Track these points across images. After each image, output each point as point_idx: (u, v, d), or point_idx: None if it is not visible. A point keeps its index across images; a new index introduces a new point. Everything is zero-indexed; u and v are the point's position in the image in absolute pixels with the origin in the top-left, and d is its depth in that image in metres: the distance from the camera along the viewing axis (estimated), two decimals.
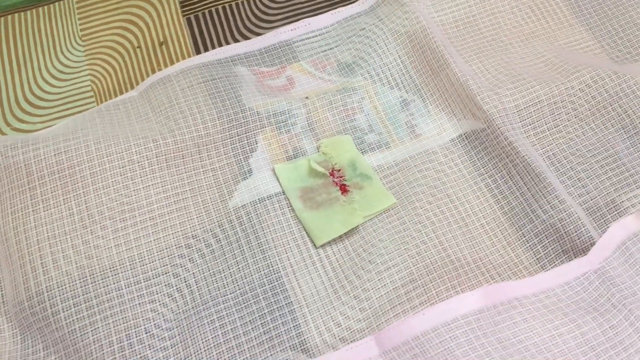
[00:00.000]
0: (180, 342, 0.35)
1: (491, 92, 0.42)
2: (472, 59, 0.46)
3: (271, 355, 0.36)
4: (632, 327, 0.34)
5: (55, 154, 0.39)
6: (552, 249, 0.38)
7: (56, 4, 0.51)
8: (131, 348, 0.34)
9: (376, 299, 0.37)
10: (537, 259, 0.38)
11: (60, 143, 0.39)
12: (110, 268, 0.37)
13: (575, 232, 0.38)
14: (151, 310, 0.36)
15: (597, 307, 0.35)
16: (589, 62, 0.44)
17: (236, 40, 0.49)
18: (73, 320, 0.35)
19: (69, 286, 0.36)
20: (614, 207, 0.39)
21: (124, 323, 0.35)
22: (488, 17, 0.49)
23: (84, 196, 0.39)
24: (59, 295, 0.36)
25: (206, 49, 0.49)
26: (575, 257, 0.37)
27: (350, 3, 0.50)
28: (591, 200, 0.40)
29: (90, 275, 0.37)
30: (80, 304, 0.36)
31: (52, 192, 0.38)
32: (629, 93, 0.42)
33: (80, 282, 0.37)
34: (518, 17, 0.48)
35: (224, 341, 0.36)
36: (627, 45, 0.47)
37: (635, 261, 0.36)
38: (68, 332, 0.35)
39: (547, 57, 0.46)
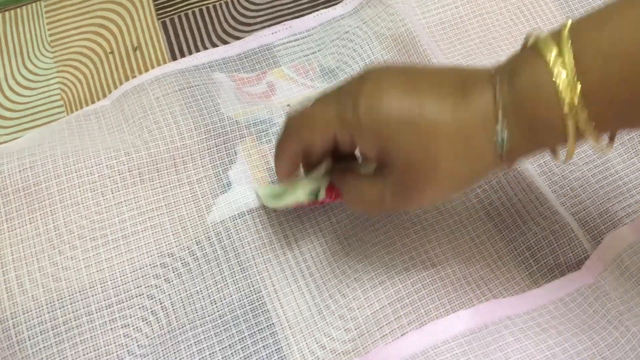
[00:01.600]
0: None
1: None
2: (460, 62, 0.45)
3: None
4: (629, 344, 0.32)
5: (20, 170, 0.37)
6: (544, 262, 0.36)
7: (23, 7, 0.49)
8: None
9: (362, 318, 0.35)
10: (529, 273, 0.36)
11: (25, 158, 0.37)
12: (79, 291, 0.35)
13: (569, 244, 0.37)
14: (124, 336, 0.34)
15: (592, 324, 0.33)
16: None
17: (214, 45, 0.47)
18: (40, 348, 0.33)
19: (36, 312, 0.34)
20: (607, 217, 0.38)
21: (94, 350, 0.33)
22: (476, 18, 0.47)
23: (52, 214, 0.37)
24: (25, 322, 0.34)
25: (182, 55, 0.47)
26: (568, 272, 0.36)
27: (333, 4, 0.48)
28: (584, 210, 0.38)
29: (58, 299, 0.35)
30: (48, 331, 0.34)
31: (17, 211, 0.36)
32: None
33: (47, 307, 0.35)
34: (507, 18, 0.47)
35: None
36: None
37: (631, 274, 0.35)
38: None
39: None
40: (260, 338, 0.35)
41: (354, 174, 0.33)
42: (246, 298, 0.36)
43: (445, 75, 0.29)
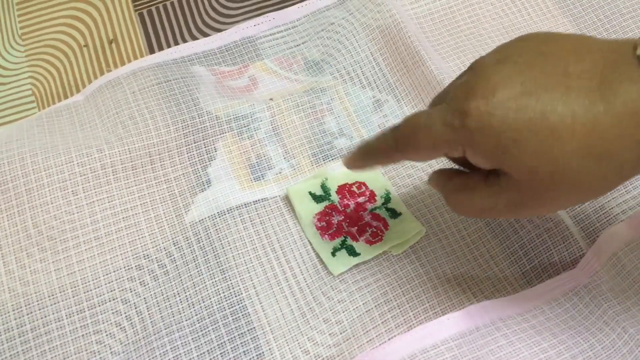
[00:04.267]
0: None
1: None
2: (449, 54, 0.43)
3: None
4: (626, 346, 0.31)
5: None
6: (538, 262, 0.35)
7: None
8: None
9: (348, 322, 0.33)
10: (522, 273, 0.35)
11: None
12: (49, 295, 0.33)
13: (563, 242, 0.35)
14: (96, 342, 0.32)
15: (588, 325, 0.32)
16: None
17: (194, 38, 0.45)
18: (5, 357, 0.32)
19: (2, 318, 0.33)
20: (603, 214, 0.37)
21: (65, 358, 0.32)
22: (466, 9, 0.45)
23: (20, 215, 0.35)
24: None
25: (161, 48, 0.45)
26: (563, 270, 0.35)
27: None
28: (579, 207, 0.37)
29: (26, 305, 0.33)
30: (14, 338, 0.32)
31: None
32: None
33: (14, 313, 0.33)
34: (497, 8, 0.45)
35: None
36: (612, 36, 0.44)
37: (627, 273, 0.33)
38: None
39: None
40: (241, 343, 0.33)
41: (463, 177, 0.29)
42: (226, 301, 0.34)
43: (577, 61, 0.25)
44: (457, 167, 0.31)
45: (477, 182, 0.28)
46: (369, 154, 0.31)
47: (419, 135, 0.28)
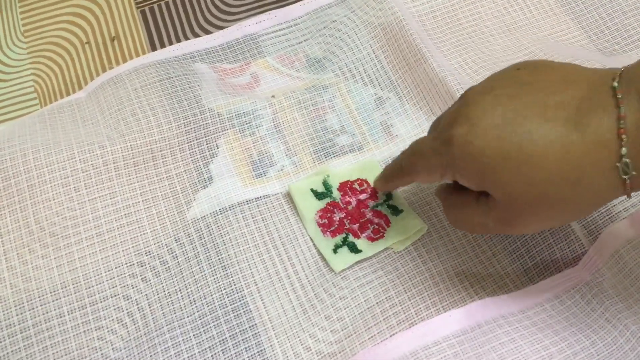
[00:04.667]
0: None
1: None
2: (451, 52, 0.43)
3: None
4: (628, 344, 0.31)
5: None
6: (540, 259, 0.35)
7: None
8: None
9: (349, 318, 0.33)
10: (524, 270, 0.35)
11: None
12: (51, 291, 0.33)
13: (565, 240, 0.35)
14: (98, 338, 0.32)
15: (590, 322, 0.32)
16: (574, 54, 0.42)
17: (196, 35, 0.45)
18: (7, 353, 0.32)
19: (4, 313, 0.33)
20: (605, 211, 0.36)
21: (66, 354, 0.32)
22: (468, 6, 0.45)
23: (22, 211, 0.35)
24: None
25: (162, 45, 0.45)
26: (565, 268, 0.34)
27: None
28: None
29: (27, 301, 0.33)
30: (16, 334, 0.32)
31: None
32: None
33: (16, 309, 0.33)
34: (499, 6, 0.45)
35: None
36: (614, 35, 0.44)
37: (629, 271, 0.33)
38: None
39: (531, 50, 0.43)
40: (242, 339, 0.33)
41: (459, 194, 0.31)
42: (227, 297, 0.34)
43: (558, 91, 0.26)
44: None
45: (470, 201, 0.30)
46: (387, 177, 0.35)
47: (416, 160, 0.31)
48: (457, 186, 0.31)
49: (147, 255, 0.35)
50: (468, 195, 0.30)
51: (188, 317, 0.34)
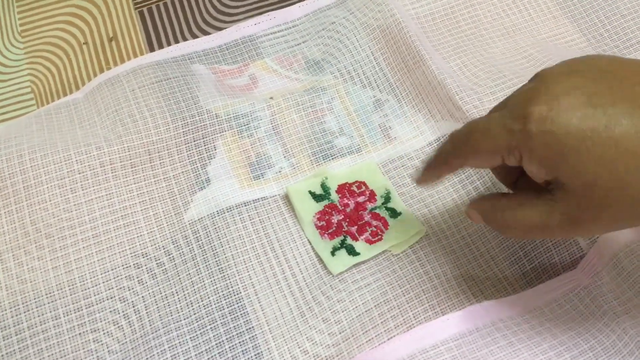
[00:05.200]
0: None
1: (470, 91, 0.39)
2: (450, 55, 0.43)
3: None
4: (626, 348, 0.31)
5: None
6: (538, 262, 0.35)
7: None
8: None
9: (347, 322, 0.33)
10: (522, 273, 0.35)
11: None
12: (46, 293, 0.33)
13: (563, 243, 0.35)
14: (94, 341, 0.32)
15: (588, 326, 0.32)
16: (573, 57, 0.41)
17: (194, 36, 0.45)
18: (2, 355, 0.31)
19: None
20: None
21: (61, 357, 0.32)
22: (467, 9, 0.45)
23: (17, 212, 0.35)
24: None
25: (161, 46, 0.45)
26: (563, 271, 0.34)
27: None
28: None
29: (23, 303, 0.33)
30: (11, 336, 0.32)
31: None
32: None
33: (11, 311, 0.33)
34: (499, 8, 0.45)
35: None
36: (613, 38, 0.44)
37: (628, 275, 0.33)
38: None
39: (530, 53, 0.43)
40: (239, 342, 0.33)
41: (513, 195, 0.29)
42: (224, 300, 0.34)
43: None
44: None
45: (531, 199, 0.27)
46: (429, 164, 0.31)
47: (478, 138, 0.27)
48: (501, 193, 0.29)
49: (143, 257, 0.35)
50: (524, 193, 0.28)
51: (185, 319, 0.33)
